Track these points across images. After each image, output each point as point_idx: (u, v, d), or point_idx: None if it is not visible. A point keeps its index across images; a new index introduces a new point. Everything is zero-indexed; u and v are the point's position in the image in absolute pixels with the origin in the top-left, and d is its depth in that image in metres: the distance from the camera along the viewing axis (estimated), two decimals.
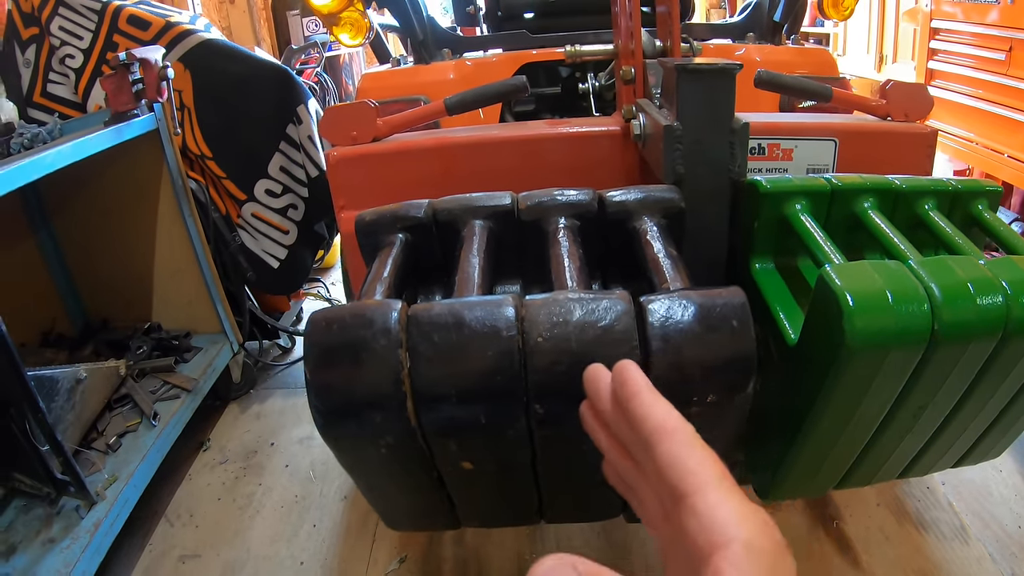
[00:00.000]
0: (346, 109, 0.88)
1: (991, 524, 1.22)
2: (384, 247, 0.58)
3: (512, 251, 0.62)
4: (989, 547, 1.17)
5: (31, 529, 1.18)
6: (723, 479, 0.31)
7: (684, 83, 0.65)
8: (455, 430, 0.45)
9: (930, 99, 1.01)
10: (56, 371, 1.30)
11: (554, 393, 0.43)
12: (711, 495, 0.30)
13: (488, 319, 0.43)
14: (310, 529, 1.33)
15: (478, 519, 0.60)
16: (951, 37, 2.48)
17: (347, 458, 0.50)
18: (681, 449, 0.32)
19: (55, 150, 1.19)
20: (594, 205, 0.62)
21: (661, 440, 0.33)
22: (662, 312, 0.44)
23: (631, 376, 0.36)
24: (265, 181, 1.67)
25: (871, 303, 0.53)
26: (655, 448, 0.33)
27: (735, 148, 0.69)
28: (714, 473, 0.31)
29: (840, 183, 0.73)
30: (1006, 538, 1.19)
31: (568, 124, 0.87)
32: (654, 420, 0.34)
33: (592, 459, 0.49)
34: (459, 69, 1.35)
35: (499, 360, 0.42)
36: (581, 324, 0.42)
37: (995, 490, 1.28)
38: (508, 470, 0.50)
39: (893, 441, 0.69)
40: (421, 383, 0.43)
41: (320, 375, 0.45)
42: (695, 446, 0.32)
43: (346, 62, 3.94)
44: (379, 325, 0.44)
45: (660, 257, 0.54)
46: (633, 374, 0.37)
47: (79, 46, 1.64)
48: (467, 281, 0.51)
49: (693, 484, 0.31)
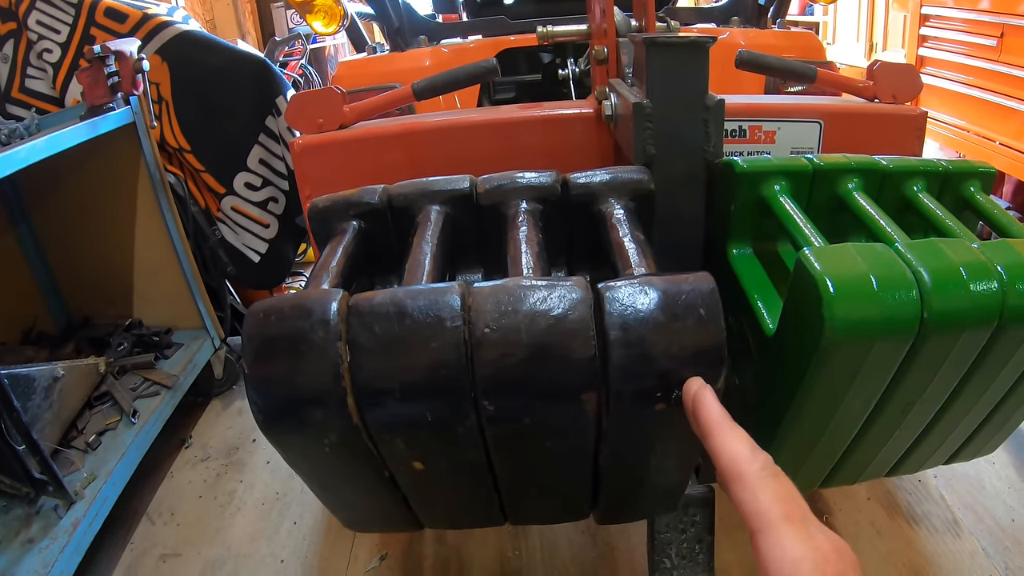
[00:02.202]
0: (311, 96, 0.84)
1: (984, 517, 1.19)
2: (336, 235, 0.55)
3: (473, 239, 0.59)
4: (982, 541, 1.15)
5: (10, 529, 1.17)
6: (786, 520, 0.33)
7: (653, 57, 0.62)
8: (400, 428, 0.42)
9: (919, 80, 0.97)
10: (32, 369, 1.28)
11: (504, 388, 0.40)
12: (771, 536, 0.32)
13: (431, 308, 0.40)
14: (291, 526, 1.31)
15: (438, 521, 0.58)
16: (942, 24, 2.45)
17: (293, 458, 0.48)
18: (746, 494, 0.34)
19: (28, 145, 1.16)
20: (557, 188, 0.58)
21: (731, 483, 0.36)
22: (622, 300, 0.41)
23: (703, 409, 0.39)
24: (244, 174, 1.65)
25: (854, 289, 0.49)
26: (727, 488, 0.36)
27: (709, 127, 0.65)
28: (778, 513, 0.33)
29: (822, 163, 0.70)
30: (999, 531, 1.16)
31: (540, 107, 0.84)
32: (725, 460, 0.36)
33: (554, 458, 0.46)
34: (435, 56, 1.31)
35: (443, 353, 0.39)
36: (531, 313, 0.40)
37: (988, 483, 1.26)
38: (462, 470, 0.47)
39: (880, 438, 0.66)
40: (362, 377, 0.40)
41: (258, 369, 0.42)
42: (762, 488, 0.34)
43: (331, 54, 3.90)
44: (317, 316, 0.41)
45: (625, 241, 0.51)
46: (706, 406, 0.39)
47: (56, 40, 1.61)
48: (416, 269, 0.48)
49: (757, 525, 0.33)
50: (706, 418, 0.38)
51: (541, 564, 1.18)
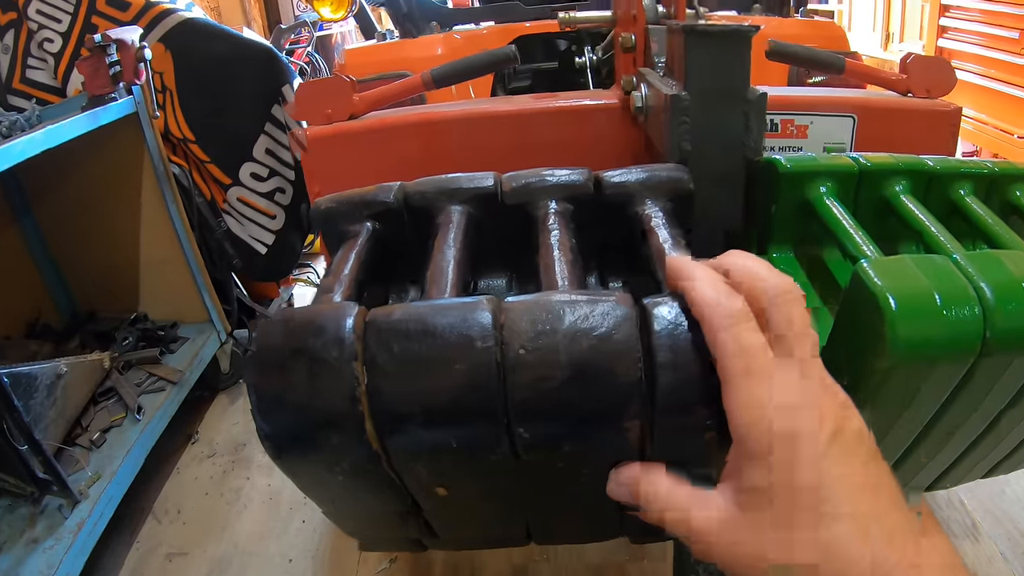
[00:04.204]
0: (320, 84, 0.80)
1: (1003, 522, 1.17)
2: (348, 239, 0.51)
3: (497, 240, 0.55)
4: (1001, 545, 1.13)
5: (15, 529, 1.15)
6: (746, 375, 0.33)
7: (693, 47, 0.57)
8: (424, 454, 0.38)
9: (953, 74, 0.93)
10: (34, 367, 1.25)
11: (542, 414, 0.36)
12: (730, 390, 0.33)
13: (459, 327, 0.36)
14: (299, 525, 1.29)
15: (458, 543, 0.54)
16: (962, 15, 2.38)
17: (306, 485, 0.44)
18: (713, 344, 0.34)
19: (26, 138, 1.13)
20: (589, 187, 0.54)
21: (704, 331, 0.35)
22: (670, 318, 0.36)
23: None
24: (250, 164, 1.61)
25: (918, 306, 0.44)
26: None
27: (751, 121, 0.60)
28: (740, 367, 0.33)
29: (869, 163, 0.65)
30: (1019, 536, 1.14)
31: (562, 98, 0.79)
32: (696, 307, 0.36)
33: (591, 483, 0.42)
34: (447, 43, 1.26)
35: (472, 376, 0.35)
36: (572, 333, 0.35)
37: (1009, 488, 1.23)
38: (490, 495, 0.43)
39: (921, 460, 0.61)
40: (380, 401, 0.36)
41: (265, 392, 0.38)
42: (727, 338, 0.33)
43: (338, 42, 3.84)
44: (331, 333, 0.37)
45: (667, 248, 0.47)
46: None
47: (58, 29, 1.57)
48: (439, 278, 0.44)
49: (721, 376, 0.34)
50: (679, 271, 0.37)
51: (552, 568, 1.15)
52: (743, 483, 0.32)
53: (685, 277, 0.36)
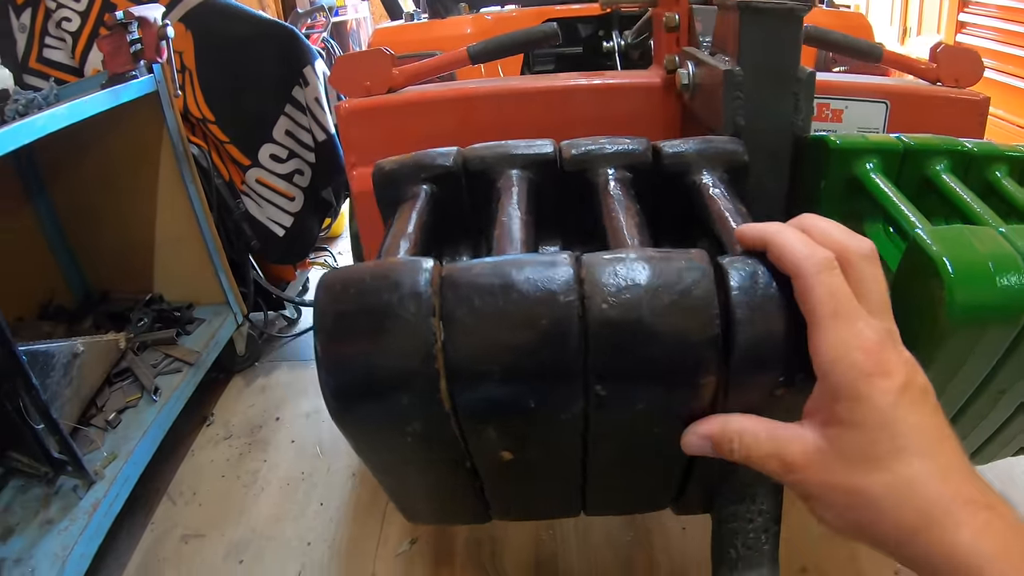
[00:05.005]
0: (359, 57, 0.79)
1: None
2: (407, 200, 0.50)
3: (552, 207, 0.55)
4: None
5: (29, 510, 1.13)
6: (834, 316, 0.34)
7: (747, 24, 0.58)
8: (496, 415, 0.38)
9: (982, 65, 0.95)
10: (51, 345, 1.24)
11: (620, 371, 0.36)
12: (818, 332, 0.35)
13: (541, 280, 0.35)
14: (317, 508, 1.28)
15: (512, 513, 0.54)
16: (981, 10, 2.38)
17: (366, 447, 0.43)
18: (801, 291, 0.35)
19: (47, 113, 1.12)
20: (648, 155, 0.54)
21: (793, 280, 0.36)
22: (746, 275, 0.36)
23: None
24: (270, 146, 1.60)
25: (974, 272, 0.46)
26: None
27: (800, 100, 0.61)
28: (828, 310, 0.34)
29: (912, 142, 0.66)
30: None
31: (603, 76, 0.79)
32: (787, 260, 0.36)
33: (657, 446, 0.42)
34: (477, 23, 1.26)
35: (555, 330, 0.35)
36: (654, 288, 0.35)
37: (1018, 476, 1.23)
38: (554, 460, 0.43)
39: (965, 430, 0.63)
40: (457, 359, 0.36)
41: (334, 349, 0.37)
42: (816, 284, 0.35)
43: (354, 28, 3.82)
44: (407, 288, 0.37)
45: (728, 215, 0.47)
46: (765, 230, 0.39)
47: (76, 8, 1.56)
48: (508, 236, 0.43)
49: (809, 320, 0.35)
50: (764, 231, 0.38)
51: (576, 547, 1.15)
52: (830, 416, 0.34)
53: (772, 233, 0.37)
